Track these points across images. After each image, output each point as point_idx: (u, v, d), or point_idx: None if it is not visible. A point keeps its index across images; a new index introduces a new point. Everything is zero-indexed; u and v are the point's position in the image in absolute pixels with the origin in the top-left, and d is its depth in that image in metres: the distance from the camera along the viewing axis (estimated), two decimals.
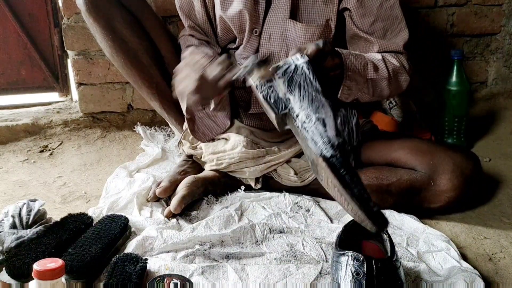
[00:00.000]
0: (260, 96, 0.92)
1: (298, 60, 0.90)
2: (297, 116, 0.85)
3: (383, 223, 0.83)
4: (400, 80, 1.27)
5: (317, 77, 0.88)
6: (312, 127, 0.84)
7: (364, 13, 1.26)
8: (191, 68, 1.02)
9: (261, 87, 0.90)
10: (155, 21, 1.42)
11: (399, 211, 1.26)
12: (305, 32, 1.26)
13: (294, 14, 1.29)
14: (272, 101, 0.87)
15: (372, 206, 0.82)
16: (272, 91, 0.88)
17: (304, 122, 0.85)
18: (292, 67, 0.88)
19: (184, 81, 1.03)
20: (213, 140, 1.40)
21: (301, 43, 1.26)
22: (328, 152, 0.82)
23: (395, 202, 1.26)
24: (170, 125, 1.59)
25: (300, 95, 0.85)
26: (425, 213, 1.26)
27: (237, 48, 1.39)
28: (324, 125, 0.84)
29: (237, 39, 1.37)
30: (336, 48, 1.10)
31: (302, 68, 0.88)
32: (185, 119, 1.38)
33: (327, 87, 0.89)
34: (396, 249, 0.94)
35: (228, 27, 1.36)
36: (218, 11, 1.34)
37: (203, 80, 1.02)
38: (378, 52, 1.27)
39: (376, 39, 1.27)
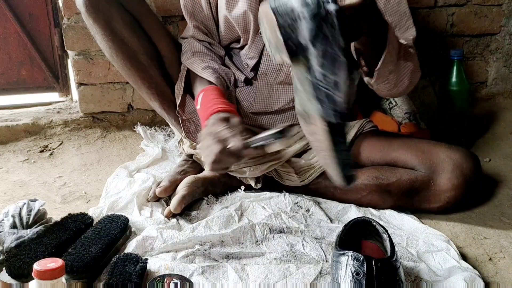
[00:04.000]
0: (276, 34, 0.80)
1: (329, 4, 0.79)
2: (311, 68, 0.79)
3: (351, 180, 0.86)
4: (417, 71, 1.20)
5: (343, 31, 0.79)
6: (325, 86, 0.79)
7: None
8: (212, 139, 1.06)
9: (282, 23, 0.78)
10: (154, 22, 1.42)
11: (399, 211, 1.26)
12: None
13: None
14: (290, 42, 0.77)
15: (349, 171, 0.84)
16: (292, 30, 0.77)
17: (318, 79, 0.79)
18: (323, 12, 0.77)
19: (206, 151, 1.08)
20: None
21: None
22: (333, 119, 0.80)
23: (395, 202, 1.26)
24: (170, 125, 1.59)
25: (323, 50, 0.78)
26: (425, 213, 1.26)
27: (241, 48, 1.39)
28: (337, 89, 0.79)
29: (242, 39, 1.37)
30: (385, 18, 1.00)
31: (332, 17, 0.78)
32: (180, 121, 1.37)
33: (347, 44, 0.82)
34: (396, 249, 0.95)
35: (232, 26, 1.36)
36: (223, 11, 1.34)
37: (223, 152, 1.04)
38: None
39: None
